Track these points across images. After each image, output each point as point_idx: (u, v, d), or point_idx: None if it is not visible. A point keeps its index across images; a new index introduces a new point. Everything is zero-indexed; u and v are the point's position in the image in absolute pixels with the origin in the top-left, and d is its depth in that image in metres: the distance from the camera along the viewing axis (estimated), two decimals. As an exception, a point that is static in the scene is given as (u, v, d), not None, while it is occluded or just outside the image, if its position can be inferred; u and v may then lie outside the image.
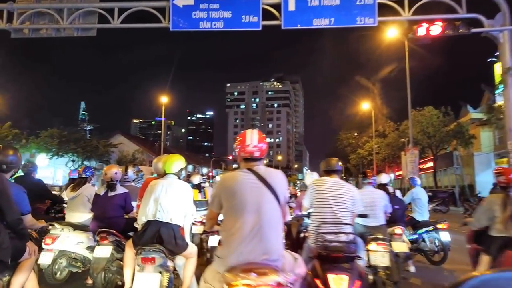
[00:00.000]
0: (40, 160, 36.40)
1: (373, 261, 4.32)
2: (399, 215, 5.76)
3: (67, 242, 4.78)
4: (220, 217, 2.53)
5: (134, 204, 4.80)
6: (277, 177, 2.42)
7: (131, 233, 4.68)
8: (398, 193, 6.51)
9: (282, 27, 12.30)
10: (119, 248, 4.44)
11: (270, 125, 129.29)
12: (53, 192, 7.51)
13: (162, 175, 3.86)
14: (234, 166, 77.13)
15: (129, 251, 3.59)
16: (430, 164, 33.46)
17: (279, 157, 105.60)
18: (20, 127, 35.89)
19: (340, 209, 3.25)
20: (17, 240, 2.87)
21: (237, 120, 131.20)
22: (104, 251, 4.27)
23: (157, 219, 3.48)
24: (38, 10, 12.56)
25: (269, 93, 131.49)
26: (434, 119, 29.91)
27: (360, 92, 45.78)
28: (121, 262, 4.34)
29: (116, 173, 4.72)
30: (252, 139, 2.44)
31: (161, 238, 3.43)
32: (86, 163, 35.33)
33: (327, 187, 3.33)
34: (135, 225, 3.71)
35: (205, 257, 5.71)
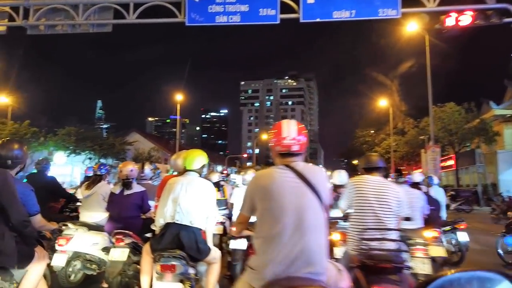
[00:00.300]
0: (58, 158, 36.91)
1: (412, 268, 3.92)
2: (435, 216, 5.33)
3: (81, 243, 4.52)
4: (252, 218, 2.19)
5: (151, 203, 4.51)
6: (319, 175, 2.07)
7: (148, 234, 4.40)
8: (432, 193, 6.07)
9: (301, 21, 11.92)
10: (136, 250, 4.16)
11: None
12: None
13: (182, 172, 3.54)
14: (248, 164, 76.64)
15: (147, 256, 3.28)
16: (451, 162, 32.46)
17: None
18: (38, 125, 36.38)
19: (384, 212, 2.85)
20: (24, 245, 2.58)
21: (251, 118, 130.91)
22: (120, 253, 3.99)
23: (176, 222, 3.16)
24: (54, 6, 12.49)
25: (283, 90, 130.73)
26: (456, 116, 28.97)
27: (377, 88, 44.97)
28: (138, 266, 4.06)
29: (131, 170, 4.43)
30: (290, 130, 2.09)
31: (181, 242, 3.11)
32: (102, 160, 35.60)
33: (369, 187, 2.93)
34: (153, 227, 3.40)
35: (226, 259, 5.38)
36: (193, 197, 3.22)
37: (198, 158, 3.47)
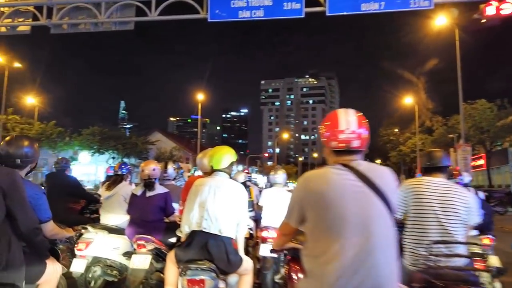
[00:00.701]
0: (82, 157, 37.63)
1: None
2: (487, 222, 4.77)
3: (101, 248, 4.22)
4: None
5: (175, 206, 4.18)
6: (386, 177, 1.65)
7: (172, 239, 4.08)
8: (481, 195, 5.47)
9: (327, 14, 11.44)
10: (159, 257, 3.84)
11: (305, 122, 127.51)
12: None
13: (209, 172, 3.17)
14: (269, 163, 75.98)
15: (172, 266, 2.93)
16: (481, 161, 31.10)
17: (315, 154, 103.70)
18: (63, 125, 37.14)
19: (451, 221, 2.38)
20: (34, 256, 2.26)
21: (272, 117, 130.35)
22: (142, 261, 3.67)
23: (203, 230, 2.80)
24: (77, 5, 12.47)
25: (304, 89, 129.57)
26: (487, 113, 27.69)
27: (402, 86, 43.61)
28: (162, 274, 3.74)
29: (154, 169, 4.10)
30: (349, 122, 1.68)
31: (210, 253, 2.75)
32: (125, 160, 35.98)
33: (431, 191, 2.46)
34: (178, 233, 3.05)
35: (254, 266, 5.00)
36: (223, 202, 2.85)
37: (226, 155, 3.09)
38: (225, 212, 2.84)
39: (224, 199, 2.86)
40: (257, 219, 5.82)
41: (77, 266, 4.07)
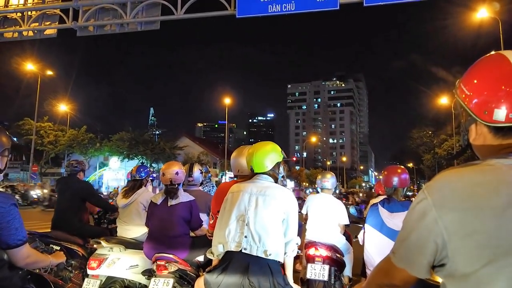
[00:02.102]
0: (112, 163, 38.12)
1: None
2: None
3: (117, 266, 3.57)
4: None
5: (203, 217, 3.47)
6: None
7: (199, 258, 3.36)
8: None
9: (364, 4, 10.60)
10: (183, 280, 3.14)
11: (333, 125, 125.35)
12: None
13: (249, 176, 2.41)
14: (297, 167, 74.51)
15: None
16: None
17: (344, 158, 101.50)
18: (93, 131, 37.84)
19: None
20: None
21: (299, 121, 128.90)
22: (163, 286, 2.98)
23: (243, 251, 2.06)
24: (102, 6, 12.27)
25: (332, 92, 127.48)
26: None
27: (436, 85, 41.66)
28: (186, 303, 3.03)
29: (177, 173, 3.40)
30: None
31: (252, 283, 2.01)
32: (154, 165, 36.04)
33: None
34: (208, 255, 2.31)
35: None
36: (269, 214, 2.10)
37: (271, 154, 2.33)
38: (272, 227, 2.09)
39: (270, 211, 2.11)
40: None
41: (89, 288, 3.43)
